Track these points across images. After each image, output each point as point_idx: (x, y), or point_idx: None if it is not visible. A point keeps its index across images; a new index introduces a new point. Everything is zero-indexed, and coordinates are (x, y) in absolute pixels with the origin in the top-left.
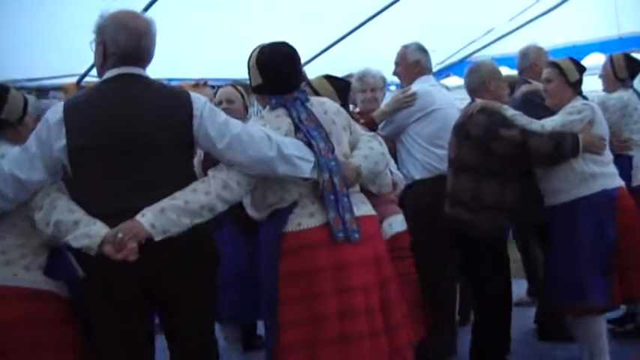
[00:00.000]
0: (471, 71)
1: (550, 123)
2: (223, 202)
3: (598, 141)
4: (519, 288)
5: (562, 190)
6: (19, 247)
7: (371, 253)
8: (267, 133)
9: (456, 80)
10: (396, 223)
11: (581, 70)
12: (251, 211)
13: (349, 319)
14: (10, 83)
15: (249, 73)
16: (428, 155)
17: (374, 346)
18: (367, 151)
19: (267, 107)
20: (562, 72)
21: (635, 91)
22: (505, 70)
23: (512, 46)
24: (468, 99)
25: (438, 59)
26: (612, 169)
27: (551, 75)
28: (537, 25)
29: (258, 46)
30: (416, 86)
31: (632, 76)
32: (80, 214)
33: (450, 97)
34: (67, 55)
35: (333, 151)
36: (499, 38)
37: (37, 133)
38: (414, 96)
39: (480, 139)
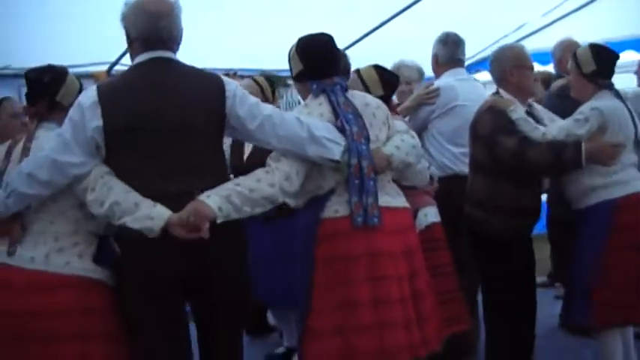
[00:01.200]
0: (493, 59)
1: (553, 131)
2: (284, 194)
3: (608, 149)
4: None
5: (572, 199)
6: (71, 234)
7: (403, 245)
8: (296, 115)
9: (487, 75)
10: (431, 214)
11: (605, 59)
12: (289, 199)
13: (384, 306)
14: None
15: (290, 64)
16: (443, 153)
17: (407, 335)
18: (399, 142)
19: (310, 96)
20: (576, 62)
21: None
22: (536, 66)
23: (545, 42)
24: None
25: (469, 54)
26: (622, 176)
27: (570, 66)
28: (571, 20)
29: (297, 39)
30: (442, 80)
31: None
32: (138, 196)
33: (480, 92)
34: (97, 43)
35: (366, 138)
36: (531, 33)
37: (71, 117)
38: (436, 91)
39: (485, 139)
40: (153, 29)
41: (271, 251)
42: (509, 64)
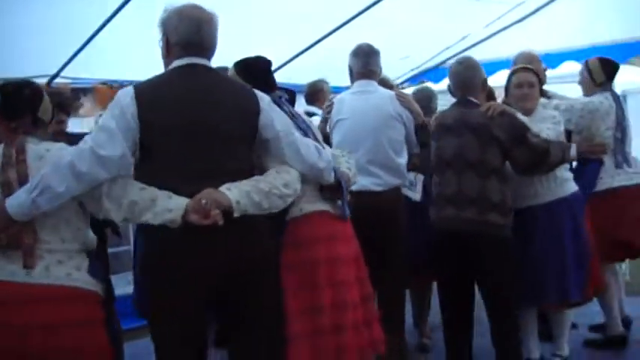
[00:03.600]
0: (470, 66)
1: (546, 132)
2: (294, 195)
3: (595, 148)
4: None
5: (540, 194)
6: (67, 247)
7: (353, 251)
8: (314, 143)
9: (430, 86)
10: None
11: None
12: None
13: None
14: None
15: None
16: None
17: (355, 338)
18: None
19: None
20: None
21: (614, 94)
22: None
23: (488, 53)
24: (446, 106)
25: (412, 65)
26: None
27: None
28: (512, 32)
29: (234, 63)
30: (342, 93)
31: (610, 79)
32: (154, 191)
33: (374, 105)
34: (38, 55)
35: None
36: (474, 45)
37: (111, 111)
38: (330, 105)
39: (505, 143)
40: (195, 34)
41: None
42: (484, 76)
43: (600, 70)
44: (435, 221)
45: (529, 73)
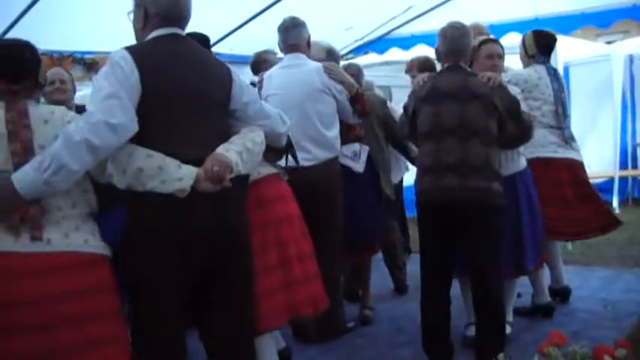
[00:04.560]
0: (466, 33)
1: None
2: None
3: None
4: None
5: (503, 167)
6: (80, 212)
7: (298, 209)
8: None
9: (375, 57)
10: None
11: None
12: None
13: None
14: None
15: None
16: None
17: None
18: None
19: None
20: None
21: (548, 68)
22: (424, 48)
23: (432, 24)
24: (390, 76)
25: (356, 36)
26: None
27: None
28: (456, 3)
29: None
30: (271, 69)
31: (543, 52)
32: (161, 158)
33: (299, 79)
34: None
35: None
36: (418, 16)
37: (114, 77)
38: (261, 82)
39: (502, 114)
40: (174, 7)
41: None
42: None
43: (533, 42)
44: (431, 190)
45: (497, 44)
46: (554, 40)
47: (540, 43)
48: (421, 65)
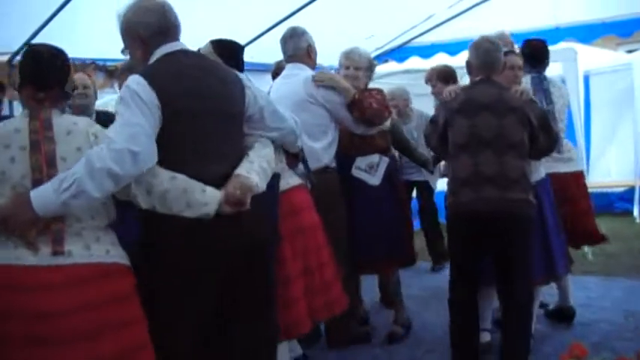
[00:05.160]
0: (499, 48)
1: None
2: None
3: None
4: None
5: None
6: (99, 224)
7: (316, 220)
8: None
9: (395, 66)
10: None
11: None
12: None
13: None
14: None
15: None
16: None
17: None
18: None
19: None
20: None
21: (534, 77)
22: (444, 57)
23: (452, 33)
24: (410, 84)
25: (377, 44)
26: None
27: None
28: (476, 12)
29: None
30: (277, 79)
31: (529, 62)
32: (184, 181)
33: (290, 90)
34: None
35: None
36: (439, 25)
37: (133, 102)
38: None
39: (535, 128)
40: (163, 19)
41: None
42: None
43: (520, 52)
44: (473, 201)
45: (518, 56)
46: (543, 48)
47: (524, 53)
48: (440, 74)
